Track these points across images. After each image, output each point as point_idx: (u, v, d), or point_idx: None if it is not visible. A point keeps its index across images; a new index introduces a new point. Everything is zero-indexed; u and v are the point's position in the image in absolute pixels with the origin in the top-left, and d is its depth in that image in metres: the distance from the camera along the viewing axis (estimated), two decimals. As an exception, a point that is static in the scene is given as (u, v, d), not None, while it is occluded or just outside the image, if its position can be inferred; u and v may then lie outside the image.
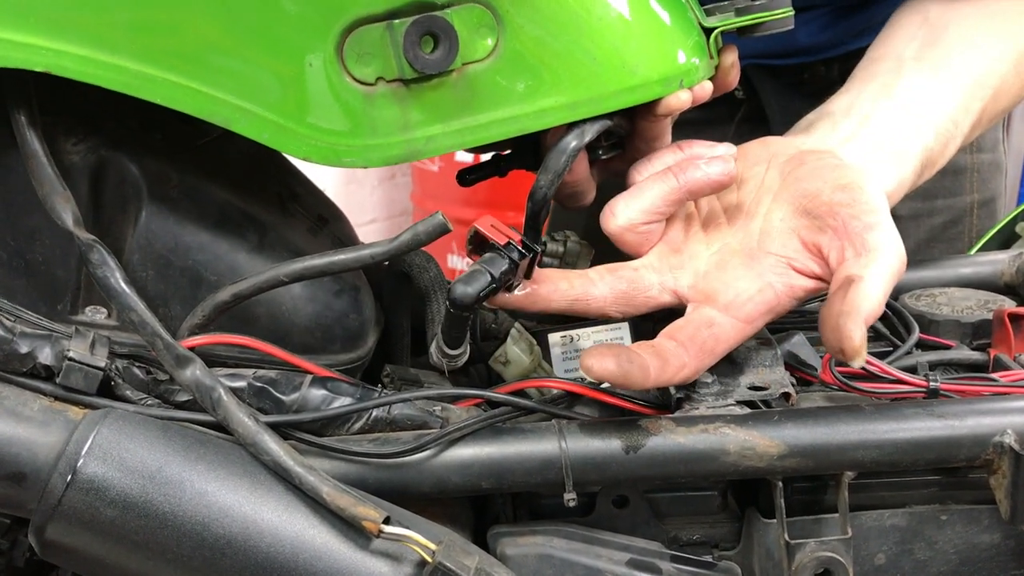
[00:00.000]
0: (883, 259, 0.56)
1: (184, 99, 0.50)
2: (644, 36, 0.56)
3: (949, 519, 0.60)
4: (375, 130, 0.52)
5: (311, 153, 0.52)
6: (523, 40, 0.52)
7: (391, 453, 0.55)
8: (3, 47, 0.47)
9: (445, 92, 0.53)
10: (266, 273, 0.56)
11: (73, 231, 0.53)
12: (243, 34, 0.50)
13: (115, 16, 0.48)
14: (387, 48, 0.51)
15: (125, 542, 0.49)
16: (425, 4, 0.51)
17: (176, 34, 0.49)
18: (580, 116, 0.55)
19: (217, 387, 0.53)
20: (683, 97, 0.60)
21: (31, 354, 0.51)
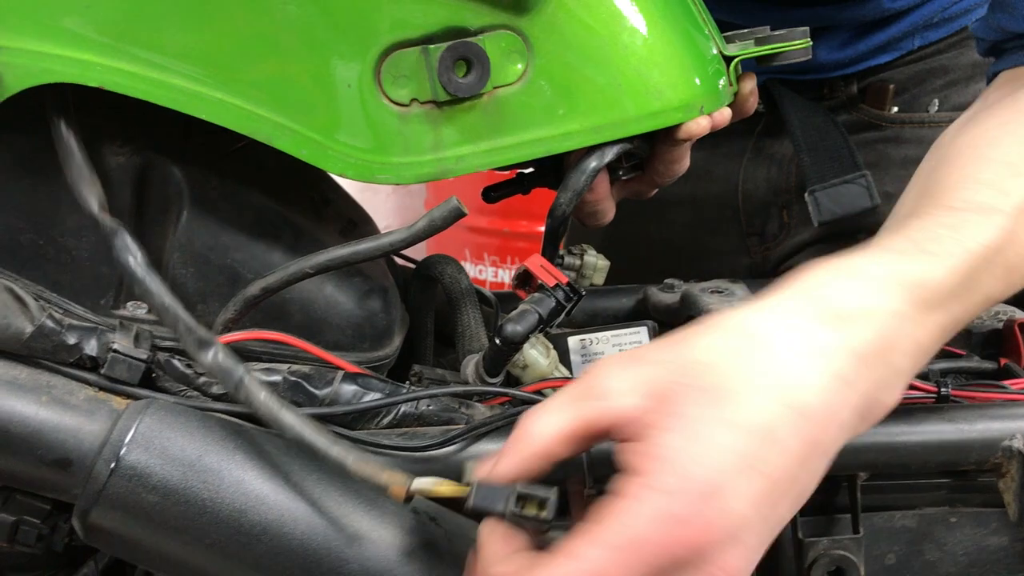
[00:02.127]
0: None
1: (228, 116, 0.52)
2: (666, 63, 0.58)
3: (958, 521, 0.62)
4: (408, 149, 0.55)
5: (346, 169, 0.54)
6: (551, 66, 0.55)
7: (419, 447, 0.57)
8: (59, 63, 0.50)
9: (476, 114, 0.55)
10: (292, 266, 0.58)
11: (97, 216, 0.54)
12: (286, 56, 0.52)
13: (165, 37, 0.50)
14: (422, 71, 0.53)
15: (165, 527, 0.51)
16: (459, 30, 0.53)
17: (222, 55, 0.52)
18: (603, 139, 0.57)
19: (239, 369, 0.54)
20: (703, 123, 0.62)
21: (78, 345, 0.54)
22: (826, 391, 0.45)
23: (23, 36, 0.49)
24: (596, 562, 0.43)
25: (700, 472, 0.42)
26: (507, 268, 2.71)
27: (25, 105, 0.52)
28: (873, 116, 1.05)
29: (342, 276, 0.62)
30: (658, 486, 0.43)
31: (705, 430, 0.43)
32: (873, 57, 1.05)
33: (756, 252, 1.12)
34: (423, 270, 0.72)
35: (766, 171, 1.08)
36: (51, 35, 0.49)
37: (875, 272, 0.49)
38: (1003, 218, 0.53)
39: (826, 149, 1.03)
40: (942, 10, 1.03)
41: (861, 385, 0.46)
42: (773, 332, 0.46)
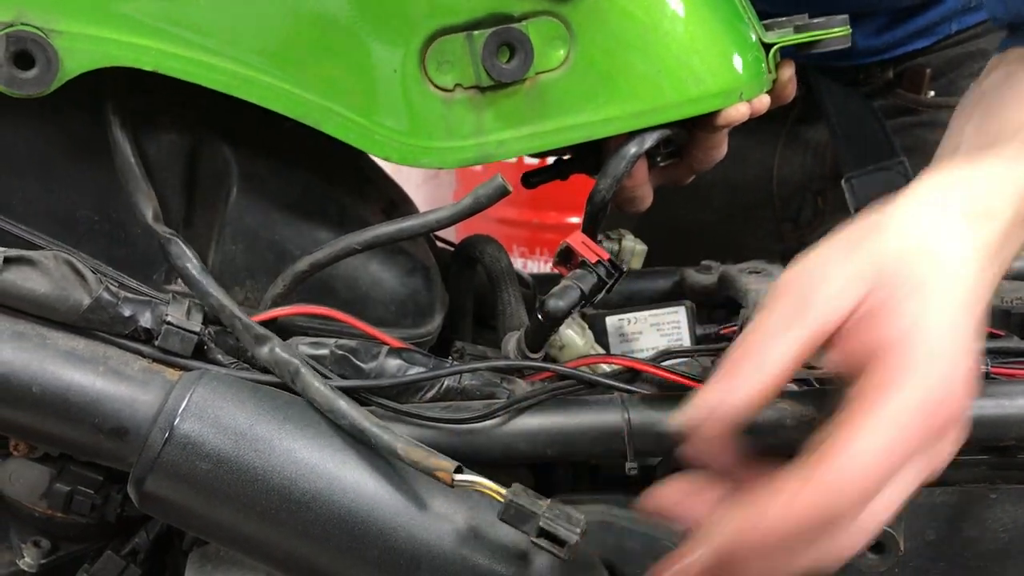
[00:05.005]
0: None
1: (278, 100, 0.54)
2: (706, 50, 0.59)
3: (998, 498, 0.62)
4: (451, 133, 0.56)
5: (391, 153, 0.56)
6: (593, 52, 0.56)
7: (463, 419, 0.58)
8: (116, 47, 0.51)
9: (518, 99, 0.56)
10: (340, 242, 0.60)
11: (152, 226, 0.57)
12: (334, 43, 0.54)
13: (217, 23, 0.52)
14: (466, 57, 0.54)
15: (217, 495, 0.53)
16: (503, 16, 0.54)
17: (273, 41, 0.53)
18: (643, 125, 0.58)
19: (294, 361, 0.56)
20: (742, 110, 0.62)
21: (133, 318, 0.55)
22: (979, 280, 0.51)
23: (82, 21, 0.50)
24: (874, 454, 0.45)
25: (947, 350, 0.47)
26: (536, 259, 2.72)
27: (81, 86, 0.53)
28: (909, 101, 1.05)
29: (386, 254, 0.64)
30: (915, 370, 0.46)
31: (934, 313, 0.48)
32: (910, 42, 1.05)
33: (790, 238, 1.12)
34: (464, 250, 0.73)
35: (801, 157, 1.09)
36: (109, 20, 0.51)
37: (1006, 179, 0.56)
38: None
39: (863, 136, 1.03)
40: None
41: (992, 273, 0.54)
42: (938, 227, 0.52)
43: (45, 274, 0.53)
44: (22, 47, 0.49)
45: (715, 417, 0.50)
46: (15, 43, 0.49)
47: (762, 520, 0.46)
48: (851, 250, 0.51)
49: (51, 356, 0.53)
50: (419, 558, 0.53)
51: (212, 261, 0.60)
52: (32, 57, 0.50)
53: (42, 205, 0.58)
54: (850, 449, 0.45)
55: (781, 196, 1.11)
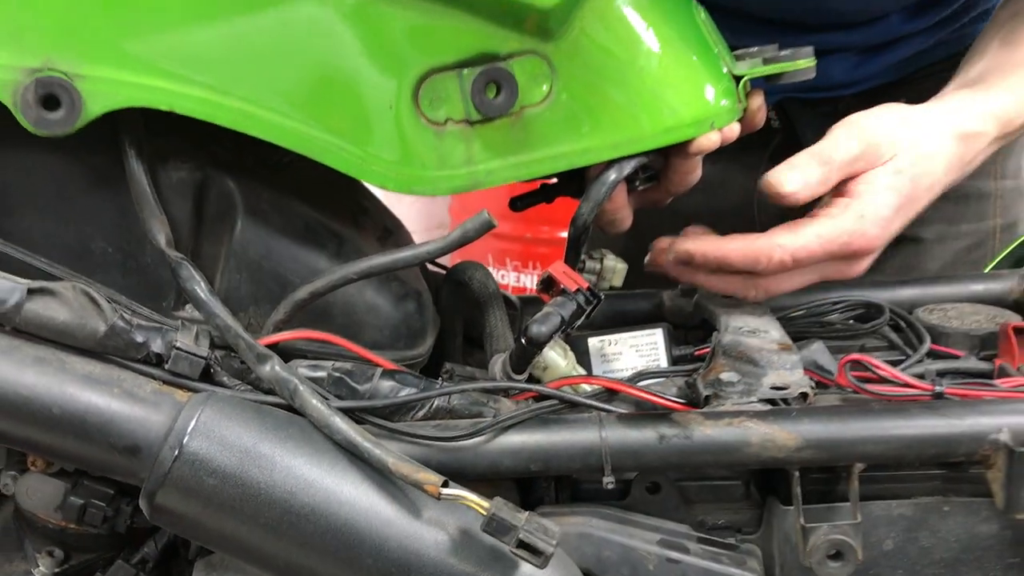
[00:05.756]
0: None
1: (282, 135, 0.58)
2: (680, 83, 0.64)
3: (951, 510, 0.66)
4: (443, 163, 0.60)
5: (387, 183, 0.60)
6: (574, 87, 0.60)
7: (451, 437, 0.62)
8: (135, 89, 0.55)
9: (505, 132, 0.61)
10: (338, 272, 0.64)
11: (165, 250, 0.61)
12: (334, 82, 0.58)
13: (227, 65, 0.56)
14: (456, 94, 0.59)
15: (223, 508, 0.57)
16: (490, 56, 0.58)
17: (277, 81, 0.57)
18: (621, 154, 0.63)
19: (293, 379, 0.60)
20: (713, 138, 0.67)
21: (145, 343, 0.59)
22: (945, 173, 0.78)
23: (104, 66, 0.54)
24: (807, 242, 0.72)
25: (884, 208, 0.74)
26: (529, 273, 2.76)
27: (99, 124, 0.57)
28: None
29: (381, 281, 0.68)
30: (855, 216, 0.73)
31: (887, 180, 0.75)
32: (884, 76, 1.09)
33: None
34: (454, 275, 0.77)
35: (782, 184, 1.13)
36: (128, 65, 0.55)
37: (989, 109, 0.81)
38: None
39: None
40: (949, 32, 1.07)
41: (956, 173, 0.80)
42: (928, 133, 0.78)
43: (65, 304, 0.57)
44: (49, 91, 0.54)
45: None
46: (43, 87, 0.53)
47: (717, 247, 0.74)
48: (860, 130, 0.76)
49: (70, 379, 0.57)
50: (409, 566, 0.57)
51: (218, 288, 0.64)
52: (58, 100, 0.54)
53: (60, 238, 0.62)
54: (787, 239, 0.73)
55: (762, 222, 1.15)
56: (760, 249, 0.72)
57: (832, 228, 0.73)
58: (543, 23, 0.57)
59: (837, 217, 0.73)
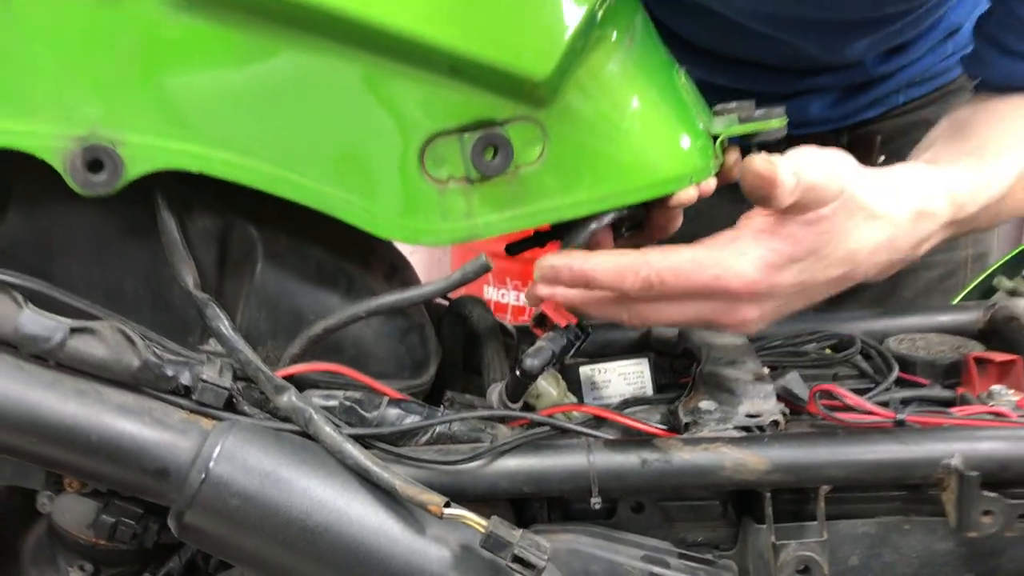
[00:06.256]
0: None
1: (302, 194, 0.64)
2: (661, 143, 0.70)
3: (911, 528, 0.72)
4: (445, 217, 0.66)
5: (395, 234, 0.66)
6: (564, 148, 0.66)
7: (452, 461, 0.68)
8: (170, 154, 0.62)
9: (501, 188, 0.66)
10: (349, 310, 0.70)
11: (192, 292, 0.67)
12: (349, 146, 0.64)
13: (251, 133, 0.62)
14: (457, 155, 0.65)
15: (246, 526, 0.63)
16: (488, 122, 0.65)
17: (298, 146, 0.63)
18: (607, 207, 0.69)
19: (308, 409, 0.66)
20: (691, 193, 0.73)
21: (175, 376, 0.65)
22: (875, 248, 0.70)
23: (143, 134, 0.60)
24: (678, 263, 0.66)
25: (773, 254, 0.67)
26: (529, 292, 2.82)
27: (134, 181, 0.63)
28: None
29: (387, 316, 0.74)
30: (742, 248, 0.67)
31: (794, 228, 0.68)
32: (861, 113, 1.15)
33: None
34: (455, 309, 0.83)
35: (765, 214, 1.19)
36: (165, 132, 0.61)
37: (945, 188, 0.74)
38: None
39: None
40: (923, 71, 1.13)
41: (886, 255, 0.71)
42: (890, 212, 0.70)
43: (103, 341, 0.63)
44: (95, 156, 0.60)
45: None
46: (90, 154, 0.60)
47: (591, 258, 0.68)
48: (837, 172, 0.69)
49: (106, 410, 0.63)
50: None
51: (239, 324, 0.70)
52: (102, 164, 0.60)
53: (97, 280, 0.68)
54: (650, 255, 0.66)
55: None
56: (626, 265, 0.66)
57: (707, 255, 0.66)
58: (536, 93, 0.63)
59: (717, 248, 0.67)
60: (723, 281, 0.65)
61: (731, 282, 0.65)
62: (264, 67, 0.61)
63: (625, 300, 0.68)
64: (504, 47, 0.61)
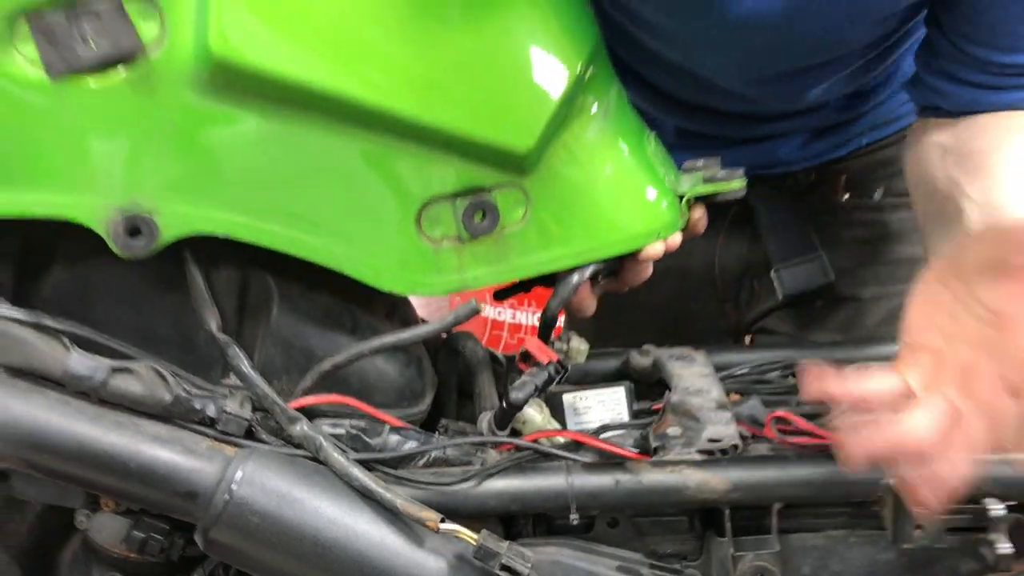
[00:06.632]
0: None
1: (313, 252, 0.73)
2: (632, 203, 0.79)
3: (856, 541, 0.81)
4: (439, 271, 0.75)
5: (395, 287, 0.75)
6: (545, 210, 0.75)
7: (446, 482, 0.77)
8: (200, 221, 0.71)
9: (489, 246, 0.75)
10: (355, 349, 0.79)
11: (216, 334, 0.76)
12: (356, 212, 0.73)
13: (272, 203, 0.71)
14: (450, 218, 0.74)
15: (265, 542, 0.71)
16: (478, 188, 0.74)
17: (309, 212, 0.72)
18: (584, 261, 0.78)
19: (318, 437, 0.75)
20: (659, 247, 0.82)
21: (202, 409, 0.74)
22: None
23: (176, 204, 0.69)
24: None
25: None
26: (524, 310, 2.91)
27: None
28: (828, 202, 1.25)
29: (389, 352, 0.83)
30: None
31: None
32: (829, 153, 1.23)
33: (732, 316, 1.31)
34: (450, 343, 0.92)
35: (739, 249, 1.27)
36: (195, 202, 0.69)
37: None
38: None
39: (788, 233, 1.23)
40: (884, 115, 1.22)
41: None
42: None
43: (139, 379, 0.72)
44: (134, 224, 0.68)
45: None
46: (130, 222, 0.68)
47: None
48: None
49: (142, 439, 0.71)
50: (414, 588, 0.71)
51: (256, 361, 0.79)
52: (140, 230, 0.69)
53: (132, 324, 0.77)
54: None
55: (723, 280, 1.30)
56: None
57: None
58: (519, 163, 0.72)
59: None
60: None
61: None
62: (280, 144, 0.69)
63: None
64: (491, 125, 0.70)
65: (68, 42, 0.62)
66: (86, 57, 0.63)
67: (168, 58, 0.65)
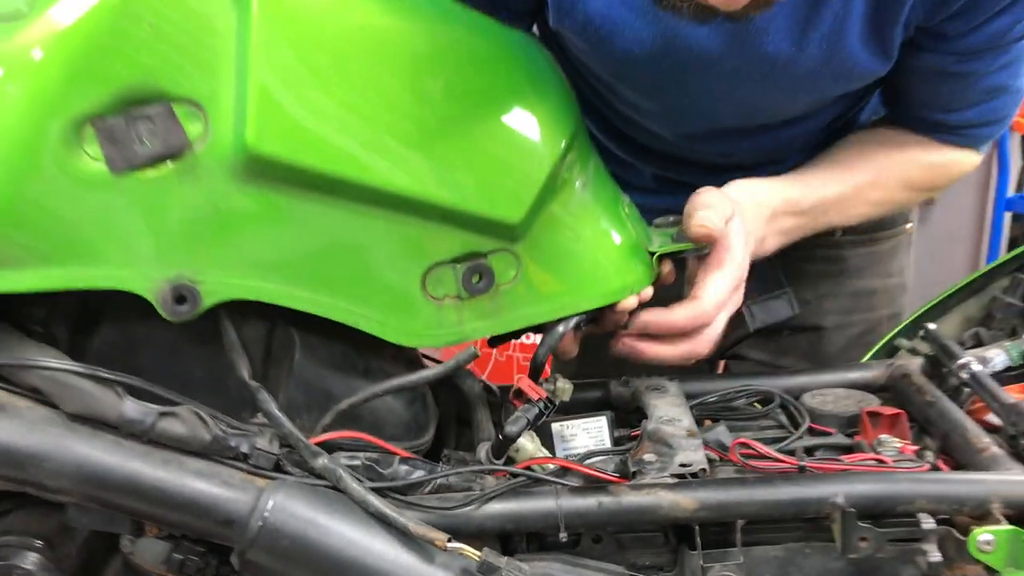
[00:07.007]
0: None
1: (332, 312, 0.84)
2: (609, 262, 0.90)
3: (811, 552, 0.92)
4: (441, 325, 0.86)
5: (402, 339, 0.86)
6: (534, 271, 0.87)
7: (450, 507, 0.87)
8: (235, 288, 0.81)
9: (485, 303, 0.87)
10: (369, 390, 0.89)
11: (247, 381, 0.86)
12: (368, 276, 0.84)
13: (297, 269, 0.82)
14: (451, 280, 0.85)
15: (293, 561, 0.82)
16: (475, 254, 0.85)
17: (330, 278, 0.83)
18: (568, 313, 0.89)
19: (337, 469, 0.85)
20: (632, 301, 0.93)
21: (236, 446, 0.84)
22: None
23: (216, 274, 0.79)
24: (716, 296, 1.00)
25: (743, 254, 1.02)
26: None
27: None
28: None
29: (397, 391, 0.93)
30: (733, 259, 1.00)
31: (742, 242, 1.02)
32: None
33: (708, 344, 1.43)
34: (451, 380, 1.03)
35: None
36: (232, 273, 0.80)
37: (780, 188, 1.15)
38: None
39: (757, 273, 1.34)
40: None
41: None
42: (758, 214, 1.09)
43: (183, 422, 0.82)
44: (180, 292, 0.79)
45: None
46: (176, 291, 0.79)
47: (669, 318, 0.98)
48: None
49: (186, 474, 0.82)
50: (425, 599, 0.82)
51: (281, 402, 0.89)
52: (185, 298, 0.79)
53: (172, 373, 0.87)
54: (707, 293, 0.99)
55: None
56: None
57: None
58: (511, 231, 0.84)
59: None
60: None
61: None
62: (305, 222, 0.80)
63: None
64: (487, 202, 0.81)
65: (127, 142, 0.72)
66: (142, 154, 0.73)
67: (210, 152, 0.76)
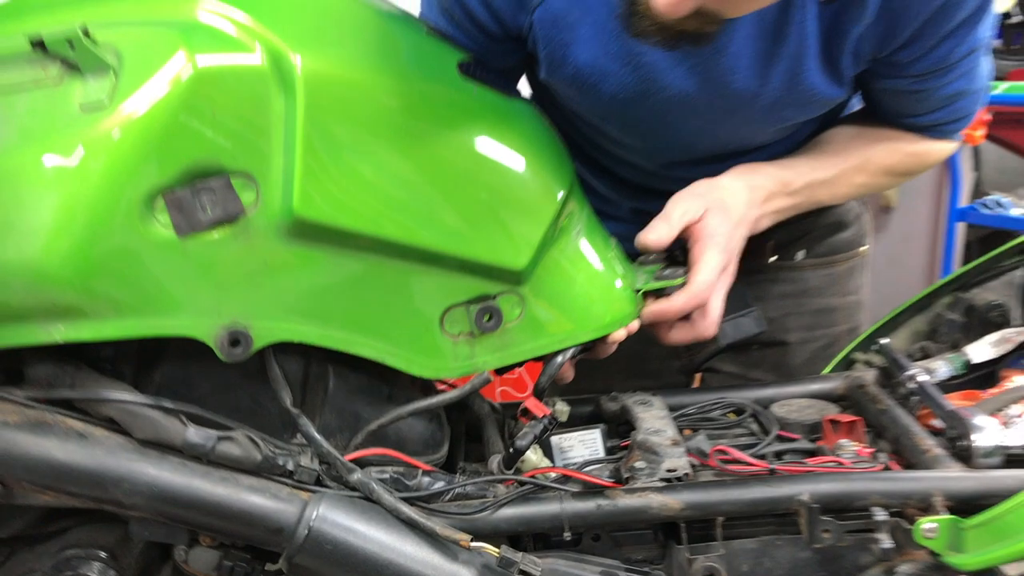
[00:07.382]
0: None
1: (362, 349, 0.96)
2: (600, 300, 1.04)
3: (782, 543, 1.05)
4: (456, 359, 0.99)
5: (423, 372, 0.99)
6: (536, 311, 1.00)
7: (468, 513, 1.00)
8: (281, 331, 0.92)
9: (494, 339, 1.00)
10: (392, 413, 1.02)
11: (289, 408, 0.99)
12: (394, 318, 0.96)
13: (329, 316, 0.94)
14: (465, 319, 0.98)
15: (336, 564, 0.94)
16: (486, 296, 0.98)
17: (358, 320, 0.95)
18: (566, 345, 1.02)
19: (370, 482, 0.98)
20: (621, 333, 1.07)
21: (283, 464, 0.97)
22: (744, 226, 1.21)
23: (265, 320, 0.91)
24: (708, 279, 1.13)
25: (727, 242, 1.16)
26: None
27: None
28: (758, 264, 1.50)
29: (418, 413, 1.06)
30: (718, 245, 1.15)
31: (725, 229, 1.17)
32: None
33: (684, 357, 1.56)
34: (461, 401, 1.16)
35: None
36: (278, 319, 0.92)
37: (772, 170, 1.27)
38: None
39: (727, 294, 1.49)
40: None
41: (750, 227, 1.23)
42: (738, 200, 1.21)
43: (238, 444, 0.95)
44: (235, 337, 0.91)
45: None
46: (231, 336, 0.91)
47: (670, 305, 1.12)
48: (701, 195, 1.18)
49: (242, 489, 0.94)
50: (451, 593, 0.95)
51: (317, 425, 1.02)
52: (239, 342, 0.92)
53: (226, 401, 0.99)
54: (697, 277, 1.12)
55: None
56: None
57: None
58: (517, 276, 0.97)
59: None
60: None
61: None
62: (341, 273, 0.93)
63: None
64: (496, 252, 0.95)
65: (192, 210, 0.85)
66: (204, 220, 0.86)
67: (262, 216, 0.88)
